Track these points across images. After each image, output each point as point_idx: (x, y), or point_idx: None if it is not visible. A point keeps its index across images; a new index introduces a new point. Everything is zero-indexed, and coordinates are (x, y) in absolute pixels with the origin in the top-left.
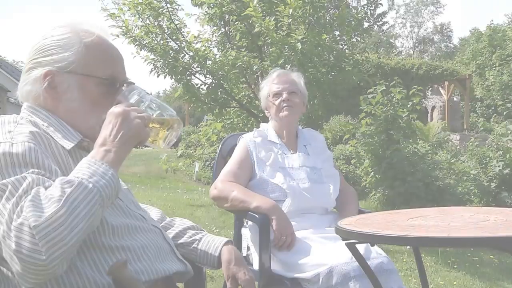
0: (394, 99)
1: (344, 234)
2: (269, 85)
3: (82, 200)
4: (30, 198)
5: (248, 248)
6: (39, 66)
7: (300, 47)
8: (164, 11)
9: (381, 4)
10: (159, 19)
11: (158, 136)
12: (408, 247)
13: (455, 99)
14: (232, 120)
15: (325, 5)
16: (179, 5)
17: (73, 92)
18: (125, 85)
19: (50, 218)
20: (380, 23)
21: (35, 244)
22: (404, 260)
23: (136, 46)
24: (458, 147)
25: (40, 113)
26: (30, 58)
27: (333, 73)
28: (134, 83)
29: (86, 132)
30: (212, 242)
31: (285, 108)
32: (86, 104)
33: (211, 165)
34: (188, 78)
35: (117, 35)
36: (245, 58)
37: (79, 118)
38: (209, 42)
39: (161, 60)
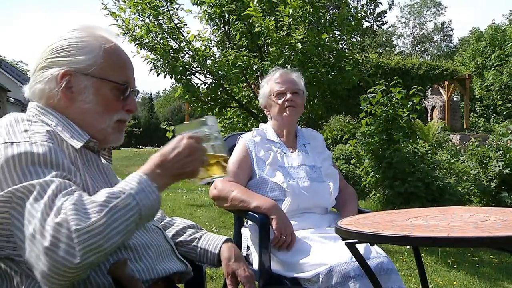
0: (394, 99)
1: (344, 234)
2: (271, 84)
3: (123, 215)
4: (73, 202)
5: (248, 248)
6: (55, 65)
7: (300, 47)
8: (164, 10)
9: (381, 3)
10: (159, 18)
11: (200, 175)
12: (408, 247)
13: (455, 99)
14: (232, 120)
15: (325, 4)
16: (179, 5)
17: (88, 94)
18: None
19: (92, 224)
20: (380, 22)
21: (72, 247)
22: (404, 260)
23: (136, 45)
24: (458, 147)
25: (48, 113)
26: (45, 57)
27: (333, 73)
28: (139, 91)
29: (95, 134)
30: (212, 240)
31: (288, 108)
32: (99, 107)
33: None
34: (188, 77)
35: (117, 34)
36: (245, 57)
37: (91, 120)
38: (209, 42)
39: (161, 60)
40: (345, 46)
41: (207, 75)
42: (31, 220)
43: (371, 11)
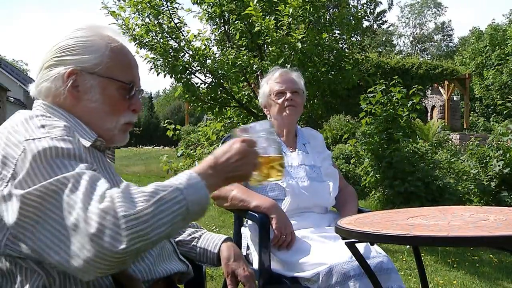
0: (394, 98)
1: (344, 233)
2: (270, 83)
3: (169, 207)
4: (120, 190)
5: (248, 248)
6: (62, 64)
7: (300, 46)
8: (164, 9)
9: (381, 3)
10: (159, 18)
11: (255, 178)
12: (408, 246)
13: (454, 98)
14: (232, 119)
15: (325, 4)
16: (179, 4)
17: (94, 93)
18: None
19: (139, 212)
20: (380, 22)
21: (118, 233)
22: (404, 259)
23: (136, 45)
24: (458, 146)
25: (56, 111)
26: (52, 56)
27: (333, 73)
28: (143, 90)
29: (101, 133)
30: (211, 240)
31: (288, 107)
32: (105, 106)
33: None
34: (188, 77)
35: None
36: (245, 57)
37: (97, 119)
38: (209, 41)
39: (161, 59)
40: (345, 46)
41: (207, 75)
42: (72, 211)
43: (371, 10)
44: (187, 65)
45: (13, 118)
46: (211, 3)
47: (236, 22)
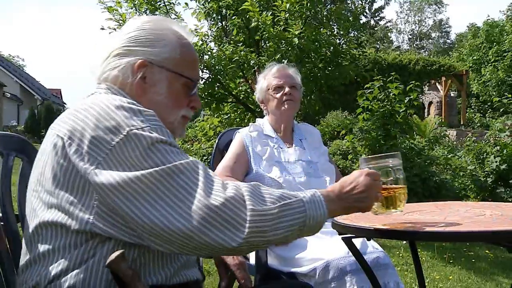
0: (391, 94)
1: (341, 229)
2: (268, 79)
3: (291, 215)
4: (249, 186)
5: None
6: (132, 54)
7: (297, 42)
8: (161, 5)
9: None
10: (156, 13)
11: (376, 209)
12: (404, 242)
13: (451, 94)
14: (229, 115)
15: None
16: None
17: (161, 86)
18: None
19: (266, 210)
20: (377, 18)
21: (242, 225)
22: (401, 255)
23: None
24: (455, 142)
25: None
26: (122, 45)
27: (330, 68)
28: (199, 88)
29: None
30: None
31: (287, 101)
32: (169, 101)
33: (208, 160)
34: None
35: (114, 29)
36: (242, 53)
37: (161, 112)
38: (206, 37)
39: None
40: (342, 42)
41: (204, 70)
42: (189, 197)
43: (369, 5)
44: None
45: (96, 101)
46: None
47: (233, 17)
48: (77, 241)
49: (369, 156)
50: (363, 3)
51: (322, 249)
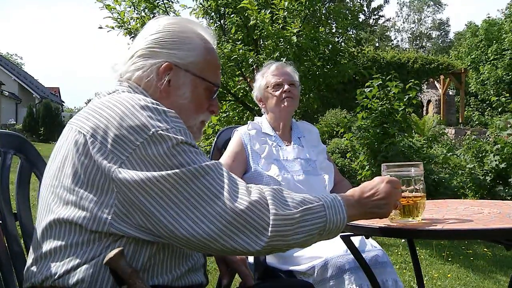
0: (390, 93)
1: None
2: (267, 77)
3: (312, 219)
4: (271, 190)
5: None
6: (157, 56)
7: (295, 40)
8: (159, 3)
9: None
10: (155, 12)
11: (394, 216)
12: (403, 240)
13: (450, 93)
14: (227, 113)
15: None
16: None
17: (186, 90)
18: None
19: (288, 215)
20: (376, 16)
21: (265, 229)
22: (399, 253)
23: (132, 38)
24: (453, 141)
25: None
26: (147, 46)
27: (328, 67)
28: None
29: None
30: None
31: (286, 99)
32: (192, 105)
33: None
34: None
35: (113, 27)
36: (240, 51)
37: (182, 115)
38: None
39: None
40: (341, 40)
41: None
42: (214, 199)
43: (367, 3)
44: None
45: (120, 99)
46: None
47: (231, 15)
48: (91, 238)
49: (392, 163)
50: (361, 1)
51: (321, 247)
